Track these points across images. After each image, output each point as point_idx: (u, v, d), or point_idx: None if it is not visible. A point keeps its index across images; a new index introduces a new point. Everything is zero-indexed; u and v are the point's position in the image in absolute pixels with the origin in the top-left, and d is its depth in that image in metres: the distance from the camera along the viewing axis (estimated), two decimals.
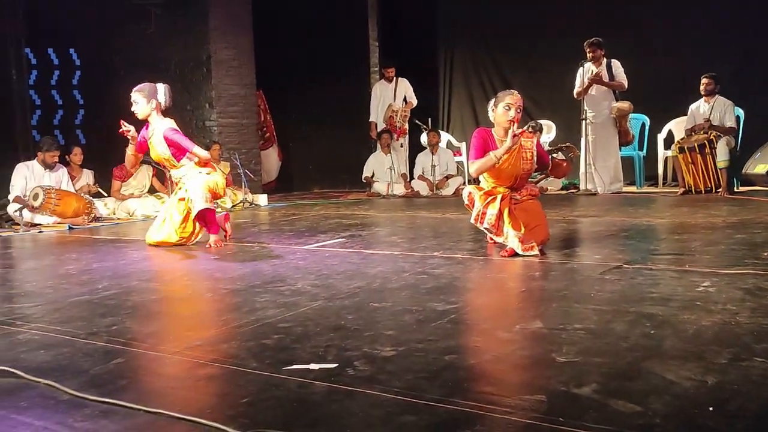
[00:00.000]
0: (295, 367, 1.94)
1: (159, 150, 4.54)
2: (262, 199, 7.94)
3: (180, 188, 4.58)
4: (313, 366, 1.94)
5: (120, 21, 8.83)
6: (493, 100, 3.90)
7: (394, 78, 8.88)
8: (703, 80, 7.11)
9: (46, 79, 9.68)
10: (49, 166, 6.56)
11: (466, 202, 3.93)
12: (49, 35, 9.44)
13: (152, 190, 7.30)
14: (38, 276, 3.77)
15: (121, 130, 4.47)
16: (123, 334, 2.37)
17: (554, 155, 8.07)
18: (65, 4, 9.10)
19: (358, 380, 1.82)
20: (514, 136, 3.67)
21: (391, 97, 8.89)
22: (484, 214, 3.74)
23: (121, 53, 9.03)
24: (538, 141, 4.01)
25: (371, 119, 9.09)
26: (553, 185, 8.20)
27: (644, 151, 8.13)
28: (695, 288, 2.72)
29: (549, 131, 8.53)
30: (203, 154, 4.54)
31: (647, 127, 8.17)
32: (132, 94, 4.58)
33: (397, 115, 8.78)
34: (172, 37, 8.56)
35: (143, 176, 7.31)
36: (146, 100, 4.53)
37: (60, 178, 6.65)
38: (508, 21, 9.12)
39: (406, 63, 9.12)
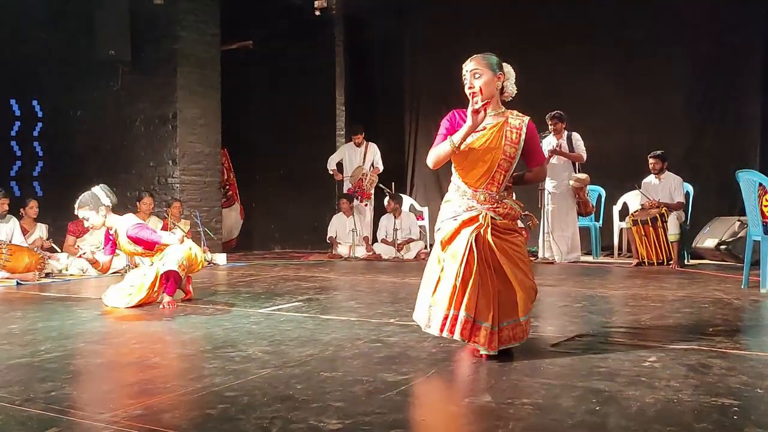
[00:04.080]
0: None
1: (128, 248, 4.57)
2: (221, 258, 7.85)
3: (158, 257, 4.54)
4: None
5: (86, 75, 8.85)
6: None
7: (364, 142, 9.04)
8: (651, 160, 7.41)
9: (6, 129, 9.58)
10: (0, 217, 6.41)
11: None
12: (12, 85, 9.40)
13: None
14: None
15: (79, 255, 4.54)
16: (61, 401, 2.29)
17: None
18: (31, 55, 9.12)
19: None
20: (475, 111, 2.80)
21: (360, 160, 9.03)
22: (455, 317, 2.82)
23: (86, 107, 9.02)
24: (534, 128, 3.05)
25: (331, 168, 9.17)
26: None
27: (600, 221, 8.35)
28: (642, 363, 2.76)
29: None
30: (172, 240, 4.53)
31: (603, 199, 8.42)
32: (78, 213, 4.54)
33: (366, 179, 8.91)
34: (139, 93, 8.60)
35: (99, 233, 7.17)
36: (95, 212, 4.51)
37: (11, 230, 6.50)
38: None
39: (372, 128, 9.30)
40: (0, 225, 6.43)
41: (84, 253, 4.46)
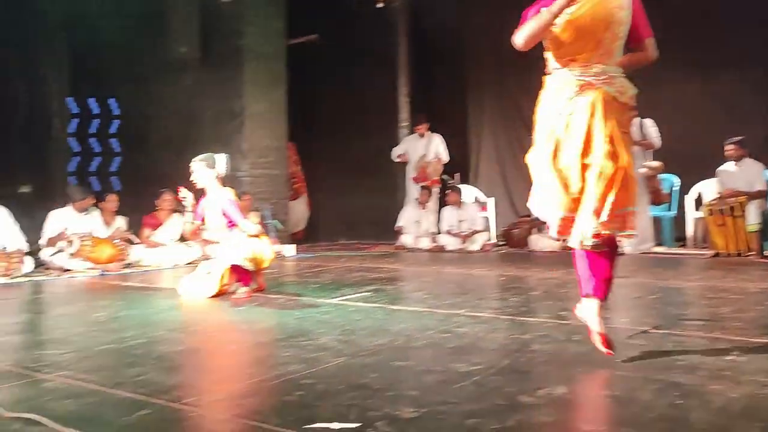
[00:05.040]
0: (316, 425, 1.94)
1: (214, 219, 4.69)
2: (290, 250, 8.01)
3: (227, 244, 4.69)
4: (335, 425, 1.94)
5: (158, 73, 9.17)
6: None
7: (427, 133, 9.04)
8: (727, 147, 7.10)
9: (86, 127, 10.05)
10: (83, 210, 6.73)
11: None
12: (91, 85, 9.84)
13: (182, 239, 7.43)
14: (68, 322, 3.84)
15: (178, 196, 4.64)
16: (148, 386, 2.40)
17: None
18: (107, 56, 9.51)
19: None
20: None
21: (423, 151, 9.04)
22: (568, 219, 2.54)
23: (158, 104, 9.34)
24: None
25: (399, 154, 9.20)
26: None
27: (674, 211, 8.07)
28: (723, 356, 2.66)
29: None
30: (251, 229, 4.66)
31: (677, 188, 8.12)
32: (192, 163, 4.74)
33: (429, 167, 8.91)
34: (208, 89, 8.85)
35: (174, 225, 7.44)
36: (206, 170, 4.67)
37: (93, 223, 6.82)
38: (532, 76, 9.27)
39: (436, 118, 9.28)
40: (84, 218, 6.75)
41: (185, 198, 4.61)
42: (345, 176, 10.16)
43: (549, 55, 2.63)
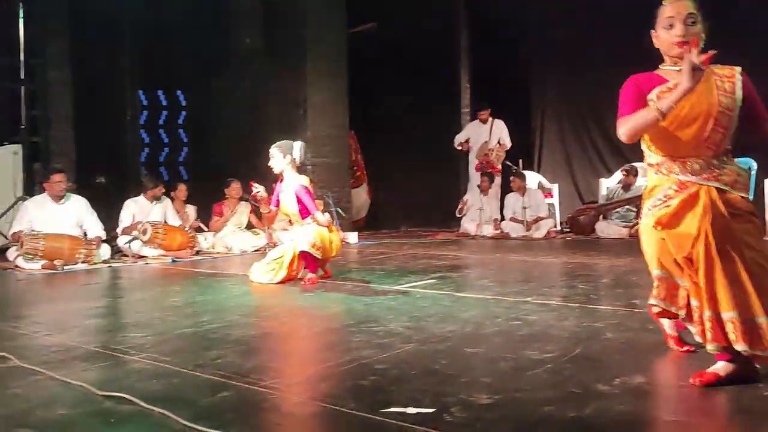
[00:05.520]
0: (392, 410, 1.97)
1: (288, 205, 4.81)
2: (352, 237, 8.10)
3: (294, 232, 4.80)
4: (411, 410, 1.96)
5: (224, 65, 9.38)
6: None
7: (490, 119, 8.95)
8: None
9: (155, 119, 10.40)
10: (156, 199, 6.98)
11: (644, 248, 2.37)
12: (159, 78, 10.16)
13: (249, 226, 7.61)
14: (146, 307, 4.00)
15: (252, 193, 4.77)
16: (226, 368, 2.48)
17: None
18: (175, 49, 9.79)
19: (457, 427, 1.82)
20: (694, 69, 2.11)
21: (485, 137, 8.95)
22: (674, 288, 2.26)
23: (223, 95, 9.56)
24: (748, 79, 2.33)
25: (460, 141, 9.15)
26: None
27: (750, 196, 7.71)
28: None
29: (645, 174, 8.27)
30: (323, 220, 4.74)
31: (755, 171, 7.76)
32: (270, 149, 4.85)
33: (492, 154, 8.83)
34: (271, 80, 9.00)
35: (241, 212, 7.63)
36: (282, 156, 4.78)
37: (165, 212, 7.06)
38: (599, 61, 9.00)
39: (498, 104, 9.16)
40: (155, 207, 7.00)
41: (258, 192, 4.74)
42: (406, 164, 10.17)
43: (645, 147, 2.42)
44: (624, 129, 2.27)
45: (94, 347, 2.85)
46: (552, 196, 8.93)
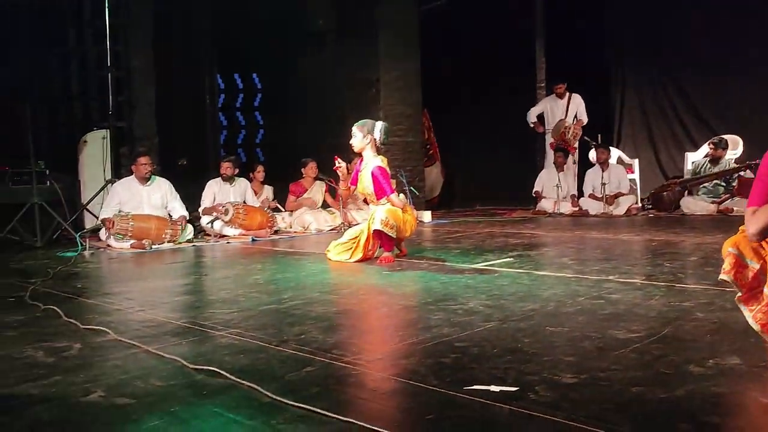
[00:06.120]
0: (475, 387, 1.96)
1: (365, 184, 4.85)
2: (426, 216, 8.09)
3: (371, 212, 4.85)
4: (494, 388, 1.95)
5: (297, 47, 9.49)
6: None
7: (566, 94, 8.70)
8: None
9: (232, 102, 10.66)
10: (229, 179, 7.16)
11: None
12: (235, 62, 10.40)
13: (325, 205, 7.72)
14: (230, 284, 4.13)
15: (335, 166, 4.83)
16: (310, 344, 2.53)
17: (742, 173, 7.44)
18: (250, 33, 9.98)
19: (541, 406, 1.80)
20: None
21: (562, 113, 8.72)
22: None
23: (297, 76, 9.69)
24: None
25: (532, 120, 8.94)
26: (740, 206, 7.53)
27: None
28: None
29: (735, 147, 7.86)
30: (398, 201, 4.75)
31: None
32: (353, 128, 4.89)
33: (569, 132, 8.59)
34: (344, 60, 9.04)
35: (317, 192, 7.75)
36: (362, 135, 4.82)
37: (244, 191, 7.26)
38: (682, 32, 8.56)
39: (573, 79, 8.88)
40: (234, 188, 7.20)
41: (341, 167, 4.82)
42: (479, 141, 10.05)
43: None
44: (755, 228, 2.06)
45: (183, 323, 2.98)
46: (633, 172, 8.63)
